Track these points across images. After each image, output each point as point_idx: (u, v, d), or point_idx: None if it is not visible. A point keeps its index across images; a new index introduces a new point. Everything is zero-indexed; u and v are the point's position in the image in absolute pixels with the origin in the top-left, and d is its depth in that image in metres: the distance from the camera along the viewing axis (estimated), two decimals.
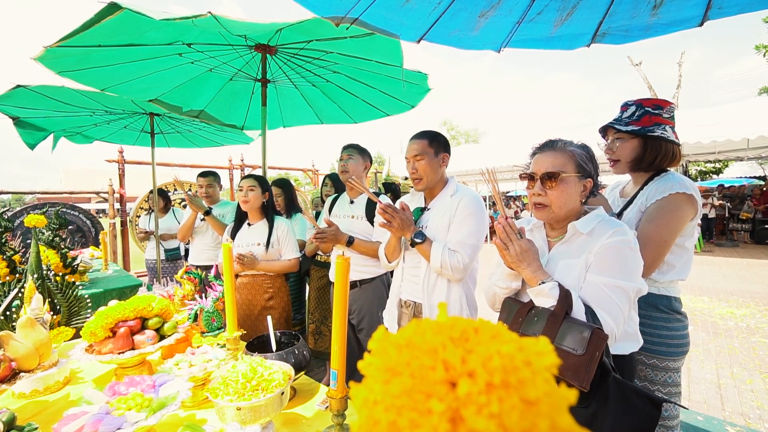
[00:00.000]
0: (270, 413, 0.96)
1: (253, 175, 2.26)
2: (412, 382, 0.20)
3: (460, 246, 1.48)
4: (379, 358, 0.22)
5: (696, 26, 1.49)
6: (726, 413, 2.51)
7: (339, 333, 0.97)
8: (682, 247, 1.28)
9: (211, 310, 1.65)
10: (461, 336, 0.22)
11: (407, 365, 0.21)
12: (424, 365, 0.21)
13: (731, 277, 6.50)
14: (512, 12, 1.69)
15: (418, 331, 0.23)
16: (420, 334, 0.22)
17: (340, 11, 1.61)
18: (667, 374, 1.30)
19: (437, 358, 0.21)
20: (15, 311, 1.43)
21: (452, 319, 0.24)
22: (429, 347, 0.21)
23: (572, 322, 0.95)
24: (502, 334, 0.22)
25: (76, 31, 1.67)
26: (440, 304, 0.25)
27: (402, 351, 0.22)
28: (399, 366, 0.21)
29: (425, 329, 0.23)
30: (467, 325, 0.23)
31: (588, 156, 1.11)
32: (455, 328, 0.22)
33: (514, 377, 0.20)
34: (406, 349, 0.22)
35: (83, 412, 0.88)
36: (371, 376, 0.22)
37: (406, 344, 0.22)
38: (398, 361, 0.21)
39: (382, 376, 0.21)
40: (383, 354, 0.22)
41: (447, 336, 0.22)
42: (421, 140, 1.58)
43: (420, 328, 0.23)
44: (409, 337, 0.22)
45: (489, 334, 0.22)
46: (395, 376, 0.21)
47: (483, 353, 0.21)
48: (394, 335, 0.23)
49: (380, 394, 0.20)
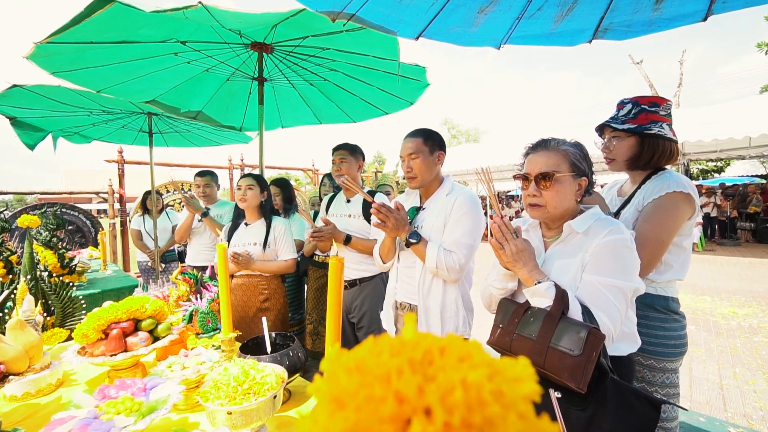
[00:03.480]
0: (262, 417, 0.94)
1: (252, 174, 2.24)
2: (357, 418, 0.17)
3: (455, 246, 1.46)
4: (327, 384, 0.18)
5: (699, 21, 1.47)
6: (728, 414, 2.48)
7: (333, 334, 0.95)
8: (679, 246, 1.26)
9: (206, 311, 1.63)
10: (424, 358, 0.19)
11: (354, 395, 0.17)
12: (373, 396, 0.17)
13: (733, 276, 6.46)
14: (512, 8, 1.66)
15: (374, 351, 0.19)
16: (375, 356, 0.19)
17: (336, 6, 1.58)
18: (665, 375, 1.28)
19: (389, 388, 0.17)
20: (8, 313, 1.42)
21: (417, 337, 0.20)
22: (382, 373, 0.18)
23: (569, 322, 0.93)
24: (472, 356, 0.19)
25: (66, 26, 1.65)
26: (407, 316, 0.22)
27: (352, 376, 0.18)
28: (345, 395, 0.18)
29: (382, 349, 0.19)
30: (433, 344, 0.19)
31: (582, 154, 1.09)
32: (418, 348, 0.19)
33: (480, 415, 0.16)
34: (355, 374, 0.18)
35: (71, 416, 0.87)
36: (318, 404, 0.18)
37: (357, 368, 0.19)
38: (346, 388, 0.18)
39: (328, 407, 0.18)
40: (332, 379, 0.19)
41: (406, 358, 0.18)
42: (416, 138, 1.56)
43: (376, 348, 0.19)
44: (361, 358, 0.19)
45: (456, 356, 0.19)
46: (340, 408, 0.17)
47: (444, 383, 0.17)
48: (347, 355, 0.20)
49: (324, 428, 0.17)
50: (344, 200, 2.23)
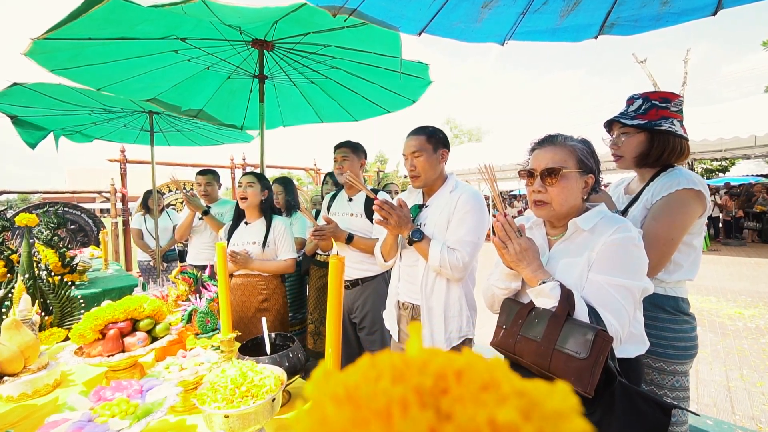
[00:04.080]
0: (260, 420, 0.91)
1: (253, 173, 2.22)
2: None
3: (459, 244, 1.43)
4: (311, 417, 0.14)
5: (709, 15, 1.43)
6: (736, 417, 2.44)
7: (333, 335, 0.92)
8: (689, 245, 1.23)
9: (206, 311, 1.61)
10: (435, 385, 0.14)
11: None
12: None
13: (739, 276, 6.39)
14: (516, 2, 1.63)
15: (370, 375, 0.15)
16: (371, 381, 0.14)
17: (337, 1, 1.56)
18: (674, 378, 1.25)
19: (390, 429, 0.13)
20: (5, 312, 1.40)
21: (426, 355, 0.15)
22: (381, 406, 0.13)
23: (575, 323, 0.90)
24: (499, 383, 0.14)
25: (63, 21, 1.63)
26: (412, 326, 0.17)
27: (341, 409, 0.14)
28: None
29: (381, 371, 0.15)
30: (446, 364, 0.15)
31: (589, 151, 1.06)
32: (427, 372, 0.14)
33: None
34: (346, 407, 0.14)
35: (65, 419, 0.84)
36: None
37: (348, 398, 0.14)
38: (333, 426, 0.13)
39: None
40: (317, 411, 0.14)
41: (412, 386, 0.14)
42: (419, 136, 1.53)
43: (375, 370, 0.15)
44: (354, 385, 0.14)
45: (479, 382, 0.14)
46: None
47: (465, 424, 0.12)
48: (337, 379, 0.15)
49: None
50: (346, 199, 2.20)
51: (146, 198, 4.05)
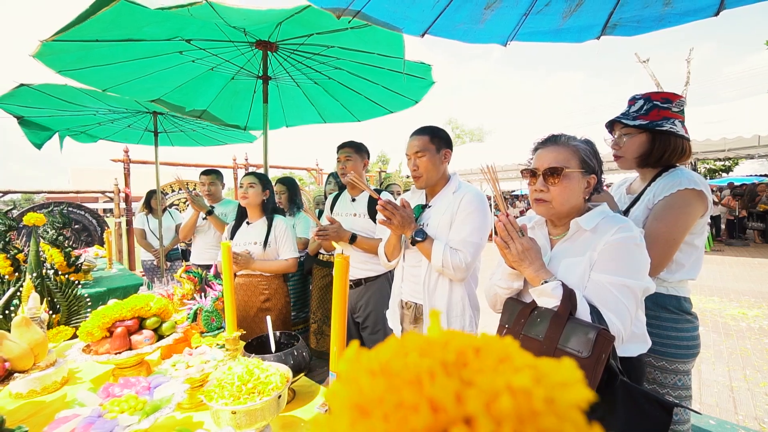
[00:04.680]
0: (266, 417, 0.93)
1: (255, 173, 2.24)
2: (384, 428, 0.15)
3: (462, 244, 1.44)
4: (347, 388, 0.16)
5: (711, 16, 1.44)
6: (739, 417, 2.44)
7: (338, 334, 0.93)
8: (691, 245, 1.23)
9: (211, 309, 1.63)
10: (458, 360, 0.16)
11: (380, 402, 0.15)
12: (403, 403, 0.15)
13: (742, 276, 6.36)
14: (519, 4, 1.64)
15: (400, 352, 0.17)
16: (401, 357, 0.17)
17: (341, 3, 1.57)
18: (677, 377, 1.25)
19: (422, 394, 0.15)
20: (14, 310, 1.42)
21: (447, 335, 0.18)
22: (412, 376, 0.16)
23: (577, 323, 0.91)
24: (512, 357, 0.16)
25: (71, 23, 1.65)
26: (432, 312, 0.20)
27: (376, 380, 0.16)
28: (370, 402, 0.15)
29: (409, 348, 0.17)
30: (466, 343, 0.17)
31: (592, 151, 1.07)
32: (449, 349, 0.17)
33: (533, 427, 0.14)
34: (380, 378, 0.16)
35: (75, 414, 0.86)
36: (336, 411, 0.16)
37: (382, 370, 0.16)
38: (370, 394, 0.16)
39: (349, 414, 0.15)
40: (352, 383, 0.16)
41: (438, 360, 0.16)
42: (422, 136, 1.54)
43: (403, 348, 0.17)
44: (386, 360, 0.17)
45: (495, 357, 0.16)
46: (363, 417, 0.15)
47: (487, 388, 0.15)
48: (368, 355, 0.18)
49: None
50: (349, 199, 2.22)
51: (149, 198, 4.08)
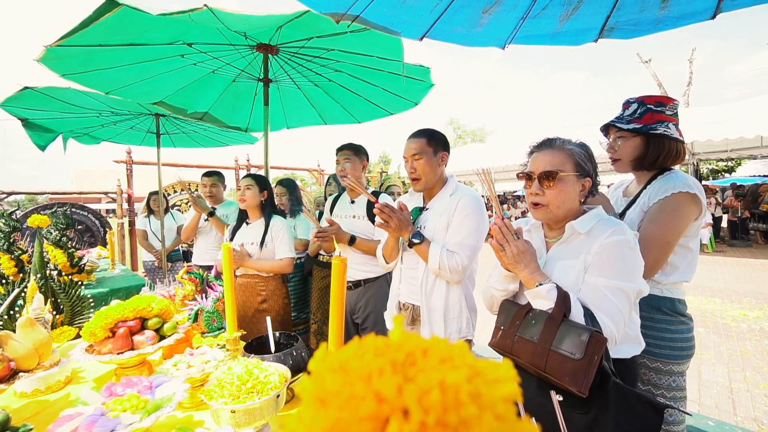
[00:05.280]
0: (265, 416, 0.95)
1: (251, 174, 2.27)
2: (338, 416, 0.17)
3: (458, 247, 1.46)
4: (312, 383, 0.19)
5: (708, 19, 1.45)
6: (738, 418, 2.44)
7: (336, 335, 0.95)
8: (685, 247, 1.25)
9: (212, 310, 1.65)
10: (406, 359, 0.19)
11: (336, 394, 0.18)
12: (354, 395, 0.18)
13: (744, 277, 6.35)
14: (516, 7, 1.65)
15: (358, 352, 0.20)
16: (359, 356, 0.19)
17: (340, 8, 1.59)
18: (671, 378, 1.27)
19: (369, 388, 0.18)
20: (18, 311, 1.44)
21: (403, 338, 0.20)
22: (364, 373, 0.18)
23: (570, 325, 0.92)
24: (453, 358, 0.19)
25: (75, 29, 1.68)
26: (396, 317, 0.22)
27: (335, 376, 0.19)
28: (328, 395, 0.18)
29: (366, 349, 0.20)
30: (417, 345, 0.20)
31: (587, 155, 1.09)
32: (401, 350, 0.19)
33: (455, 415, 0.17)
34: (339, 374, 0.19)
35: (78, 413, 0.88)
36: (305, 403, 0.19)
37: (341, 368, 0.19)
38: (329, 388, 0.18)
39: (312, 405, 0.18)
40: (317, 378, 0.19)
41: (389, 359, 0.19)
42: (419, 139, 1.56)
43: (361, 349, 0.20)
44: (346, 359, 0.20)
45: (438, 358, 0.19)
46: (323, 407, 0.18)
47: (422, 384, 0.17)
48: (333, 355, 0.21)
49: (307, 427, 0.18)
50: (348, 201, 2.24)
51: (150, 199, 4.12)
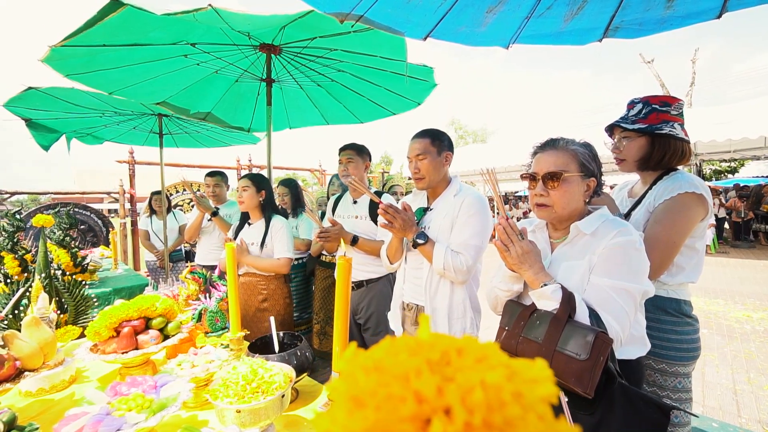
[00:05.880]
0: (270, 416, 0.95)
1: (248, 175, 2.27)
2: (377, 417, 0.17)
3: (463, 247, 1.45)
4: (345, 383, 0.19)
5: (714, 18, 1.44)
6: (742, 420, 2.43)
7: (341, 335, 0.95)
8: (692, 248, 1.24)
9: (215, 310, 1.65)
10: (441, 359, 0.19)
11: (373, 395, 0.18)
12: (392, 396, 0.17)
13: (747, 279, 6.32)
14: (521, 7, 1.65)
15: (391, 352, 0.19)
16: (392, 356, 0.19)
17: (344, 8, 1.59)
18: (677, 379, 1.26)
19: (408, 388, 0.18)
20: (23, 310, 1.45)
21: (434, 337, 0.20)
22: (400, 372, 0.18)
23: (575, 325, 0.92)
24: (489, 357, 0.19)
25: (80, 29, 1.69)
26: (422, 317, 0.22)
27: (370, 376, 0.19)
28: (364, 395, 0.18)
29: (400, 349, 0.19)
30: (450, 344, 0.20)
31: (591, 155, 1.08)
32: (435, 349, 0.19)
33: (500, 416, 0.16)
34: (374, 374, 0.19)
35: (84, 412, 0.88)
36: (336, 403, 0.19)
37: (375, 367, 0.19)
38: (364, 388, 0.18)
39: (346, 406, 0.18)
40: (349, 378, 0.19)
41: (424, 359, 0.19)
42: (423, 139, 1.56)
43: (394, 348, 0.20)
44: (379, 358, 0.19)
45: (474, 357, 0.19)
46: (359, 408, 0.18)
47: (463, 383, 0.17)
48: (364, 355, 0.20)
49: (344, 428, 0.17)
50: (351, 201, 2.24)
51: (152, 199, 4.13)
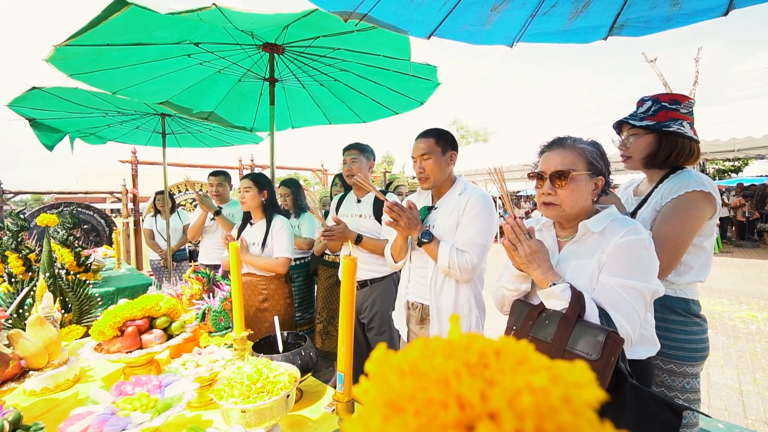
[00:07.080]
0: (275, 416, 0.94)
1: (250, 175, 2.25)
2: (417, 423, 0.16)
3: (468, 246, 1.44)
4: (378, 387, 0.18)
5: (720, 15, 1.43)
6: (749, 421, 2.41)
7: (345, 334, 0.94)
8: (700, 247, 1.22)
9: (219, 309, 1.65)
10: (479, 361, 0.18)
11: (411, 399, 0.17)
12: (432, 400, 0.16)
13: (752, 279, 6.27)
14: (525, 5, 1.64)
15: (426, 353, 0.18)
16: (428, 357, 0.18)
17: (349, 6, 1.58)
18: (685, 380, 1.25)
19: (449, 392, 0.17)
20: (27, 309, 1.45)
21: (467, 338, 0.19)
22: (439, 376, 0.17)
23: (585, 325, 0.91)
24: (529, 359, 0.18)
25: (84, 28, 1.69)
26: (452, 317, 0.21)
27: (405, 379, 0.17)
28: (401, 399, 0.17)
29: (435, 350, 0.18)
30: (486, 345, 0.18)
31: (599, 153, 1.07)
32: (471, 350, 0.18)
33: (552, 422, 0.15)
34: (410, 377, 0.17)
35: (89, 412, 0.88)
36: (368, 408, 0.17)
37: (411, 370, 0.18)
38: (401, 392, 0.17)
39: (381, 411, 0.17)
40: (382, 381, 0.18)
41: (461, 361, 0.18)
42: (428, 138, 1.55)
43: (428, 349, 0.19)
44: (414, 360, 0.18)
45: (514, 359, 0.18)
46: (396, 413, 0.17)
47: (509, 387, 0.16)
48: (396, 356, 0.19)
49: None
50: (355, 200, 2.23)
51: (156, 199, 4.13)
